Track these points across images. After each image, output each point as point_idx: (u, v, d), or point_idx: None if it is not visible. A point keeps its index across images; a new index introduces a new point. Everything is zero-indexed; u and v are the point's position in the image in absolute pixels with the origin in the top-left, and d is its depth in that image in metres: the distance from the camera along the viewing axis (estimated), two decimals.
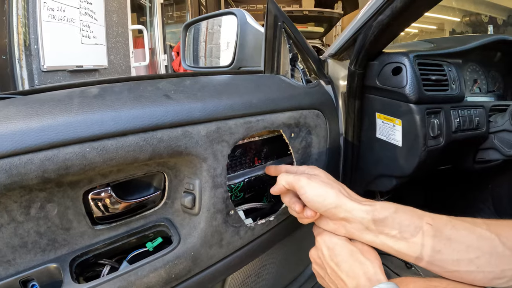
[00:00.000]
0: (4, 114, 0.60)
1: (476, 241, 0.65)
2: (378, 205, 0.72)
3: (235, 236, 0.89)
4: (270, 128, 0.91)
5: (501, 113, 1.35)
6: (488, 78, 1.50)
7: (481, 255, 0.64)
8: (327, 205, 0.74)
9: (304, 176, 0.78)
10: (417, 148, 1.10)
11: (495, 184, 1.76)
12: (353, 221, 0.73)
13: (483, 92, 1.48)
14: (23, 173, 0.58)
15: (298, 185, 0.78)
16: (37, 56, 2.56)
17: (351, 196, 0.77)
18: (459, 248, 0.65)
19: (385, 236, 0.70)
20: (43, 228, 0.68)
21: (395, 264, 1.81)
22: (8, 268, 0.66)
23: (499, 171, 1.64)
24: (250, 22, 1.22)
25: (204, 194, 0.80)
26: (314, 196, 0.76)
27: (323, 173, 0.83)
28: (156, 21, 5.55)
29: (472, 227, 0.67)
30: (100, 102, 0.69)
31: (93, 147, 0.64)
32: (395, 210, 0.70)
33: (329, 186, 0.76)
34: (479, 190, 1.86)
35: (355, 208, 0.72)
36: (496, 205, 1.78)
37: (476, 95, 1.45)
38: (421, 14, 1.01)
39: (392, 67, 1.10)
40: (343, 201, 0.73)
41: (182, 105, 0.75)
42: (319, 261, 0.80)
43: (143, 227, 0.80)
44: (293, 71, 1.12)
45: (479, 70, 1.48)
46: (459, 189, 1.97)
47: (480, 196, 1.85)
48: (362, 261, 0.71)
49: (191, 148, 0.75)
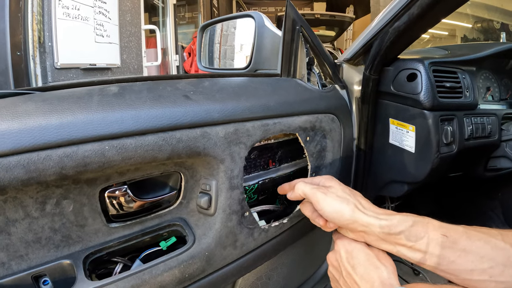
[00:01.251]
0: (23, 110, 0.61)
1: (490, 251, 0.66)
2: (395, 219, 0.73)
3: (249, 238, 0.90)
4: (286, 131, 0.91)
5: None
6: (501, 86, 1.49)
7: (495, 265, 0.64)
8: (344, 221, 0.75)
9: (320, 191, 0.79)
10: (430, 154, 1.10)
11: (505, 193, 1.76)
12: (370, 233, 0.74)
13: (496, 100, 1.47)
14: (41, 169, 0.59)
15: (314, 199, 0.79)
16: (51, 53, 2.58)
17: (368, 209, 0.77)
18: (473, 258, 0.66)
19: (401, 247, 0.71)
20: (58, 224, 0.68)
21: (404, 271, 1.82)
22: (20, 263, 0.67)
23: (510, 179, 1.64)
24: (268, 25, 1.23)
25: (220, 195, 0.81)
26: (330, 212, 0.77)
27: (337, 184, 0.84)
28: (169, 22, 5.57)
29: (487, 237, 0.67)
30: (120, 100, 0.70)
31: (112, 145, 0.64)
32: (412, 224, 0.71)
33: (345, 202, 0.77)
34: (489, 198, 1.85)
35: (371, 223, 0.73)
36: (505, 214, 1.78)
37: (488, 102, 1.44)
38: (438, 20, 1.01)
39: (407, 73, 1.10)
40: (359, 217, 0.74)
41: (201, 106, 0.76)
42: (336, 264, 0.81)
43: (158, 226, 0.81)
44: (309, 75, 1.13)
45: (492, 78, 1.47)
46: (469, 196, 1.96)
47: (490, 204, 1.85)
48: (378, 265, 0.72)
49: (209, 149, 0.76)
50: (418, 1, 0.89)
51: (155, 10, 5.49)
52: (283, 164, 1.08)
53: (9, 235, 0.64)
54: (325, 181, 0.85)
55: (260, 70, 1.26)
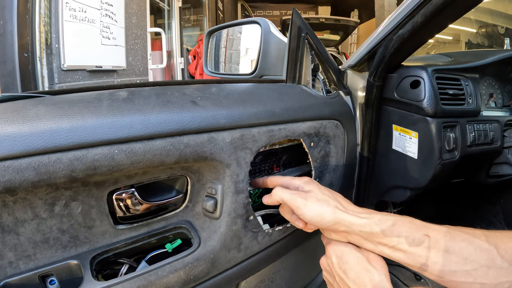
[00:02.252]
0: (34, 113, 0.62)
1: (473, 252, 0.66)
2: (376, 217, 0.74)
3: (253, 241, 0.91)
4: (291, 137, 0.93)
5: None
6: (504, 93, 1.50)
7: (479, 267, 0.65)
8: (326, 223, 0.76)
9: (300, 196, 0.80)
10: (432, 161, 1.11)
11: (507, 199, 1.76)
12: (352, 233, 0.75)
13: (499, 107, 1.48)
14: (52, 172, 0.60)
15: (294, 205, 0.80)
16: (58, 55, 2.60)
17: (348, 209, 0.78)
18: (456, 259, 0.66)
19: (383, 247, 0.72)
20: (66, 225, 0.70)
21: (405, 276, 1.81)
22: (28, 263, 0.68)
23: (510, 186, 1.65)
24: (274, 31, 1.25)
25: (226, 199, 0.82)
26: (312, 216, 0.78)
27: (316, 187, 0.84)
28: (174, 25, 5.60)
29: (470, 238, 0.67)
30: (129, 105, 0.71)
31: (121, 149, 0.66)
32: (392, 223, 0.72)
33: (325, 204, 0.78)
34: (491, 204, 1.85)
35: (353, 222, 0.74)
36: (507, 220, 1.78)
37: (491, 109, 1.45)
38: (442, 28, 1.03)
39: (410, 80, 1.12)
40: (340, 217, 0.75)
41: (208, 112, 0.77)
42: (329, 269, 0.82)
43: (164, 228, 0.82)
44: (314, 81, 1.14)
45: (495, 85, 1.48)
46: (471, 202, 1.97)
47: (492, 210, 1.85)
48: (368, 268, 0.72)
49: (215, 154, 0.77)
50: (422, 10, 0.90)
51: (160, 13, 5.52)
52: (287, 169, 1.09)
53: (18, 235, 0.65)
54: (304, 185, 0.85)
55: (265, 76, 1.28)
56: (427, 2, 0.88)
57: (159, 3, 5.32)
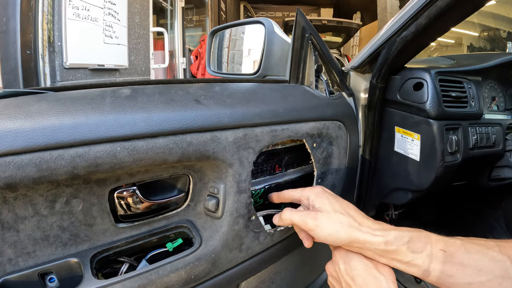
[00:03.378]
0: (37, 109, 0.62)
1: (488, 264, 0.66)
2: (391, 235, 0.72)
3: (255, 241, 0.91)
4: (294, 137, 0.93)
5: None
6: (506, 96, 1.50)
7: (493, 278, 0.65)
8: (339, 242, 0.75)
9: (310, 217, 0.78)
10: (434, 163, 1.11)
11: (509, 202, 1.77)
12: (367, 250, 0.74)
13: (501, 110, 1.48)
14: (53, 168, 0.60)
15: (306, 228, 0.78)
16: (60, 53, 2.61)
17: (362, 225, 0.76)
18: (471, 272, 0.66)
19: (397, 262, 0.71)
20: (67, 223, 0.70)
21: (405, 278, 1.82)
22: (27, 260, 0.68)
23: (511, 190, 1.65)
24: (277, 32, 1.25)
25: (228, 198, 0.82)
26: (325, 237, 0.76)
27: (328, 203, 0.81)
28: (177, 25, 5.61)
29: (484, 250, 0.68)
30: (132, 103, 0.71)
31: (124, 147, 0.66)
32: (408, 240, 0.71)
33: (338, 223, 0.76)
34: (492, 208, 1.86)
35: (367, 241, 0.73)
36: (508, 223, 1.78)
37: (493, 112, 1.45)
38: (446, 31, 1.03)
39: (413, 82, 1.12)
40: (354, 236, 0.74)
41: (212, 111, 0.77)
42: (335, 275, 0.81)
43: (165, 227, 0.82)
44: (317, 82, 1.14)
45: (498, 88, 1.48)
46: (472, 205, 1.97)
47: (493, 214, 1.86)
48: (376, 275, 0.72)
49: (218, 153, 0.77)
50: (426, 12, 0.90)
51: (163, 12, 5.53)
52: (289, 169, 1.09)
53: (18, 232, 0.65)
54: (315, 199, 0.83)
55: (268, 76, 1.28)
56: (431, 4, 0.88)
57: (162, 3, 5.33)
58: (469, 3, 0.87)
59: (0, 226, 0.64)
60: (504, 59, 1.40)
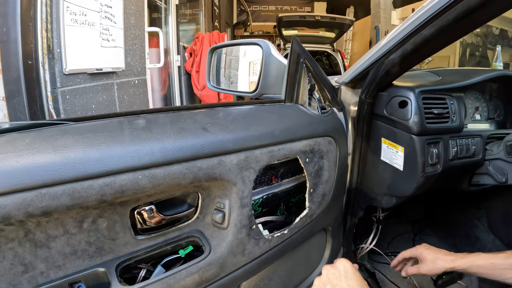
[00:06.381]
0: (63, 143, 0.72)
1: None
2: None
3: (255, 247, 1.02)
4: (289, 155, 1.03)
5: (497, 141, 1.46)
6: (490, 106, 1.60)
7: None
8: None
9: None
10: (415, 173, 1.22)
11: (491, 205, 1.89)
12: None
13: (483, 119, 1.58)
14: (85, 197, 0.70)
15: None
16: (60, 59, 2.62)
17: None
18: None
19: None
20: (93, 238, 0.79)
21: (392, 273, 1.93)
22: (57, 272, 0.77)
23: (495, 193, 1.77)
24: (274, 54, 1.34)
25: (232, 212, 0.93)
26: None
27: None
28: (171, 22, 5.61)
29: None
30: (149, 134, 0.82)
31: (144, 175, 0.76)
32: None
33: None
34: (476, 208, 1.97)
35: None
36: (490, 223, 1.90)
37: (476, 122, 1.56)
38: (430, 55, 1.13)
39: (399, 100, 1.22)
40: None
41: (217, 137, 0.88)
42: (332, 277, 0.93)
43: (178, 237, 0.93)
44: (310, 99, 1.24)
45: (481, 98, 1.58)
46: (458, 206, 2.09)
47: (477, 214, 1.98)
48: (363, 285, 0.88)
49: (224, 175, 0.88)
50: (412, 39, 1.00)
51: (157, 10, 5.52)
52: (284, 179, 1.20)
53: (49, 248, 0.75)
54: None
55: (266, 95, 1.37)
56: (417, 32, 0.98)
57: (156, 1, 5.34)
58: (452, 33, 0.97)
59: (34, 245, 0.73)
60: (486, 76, 1.48)
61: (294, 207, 1.25)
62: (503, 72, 1.59)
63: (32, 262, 0.74)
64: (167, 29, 5.62)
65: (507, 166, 1.40)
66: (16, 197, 0.64)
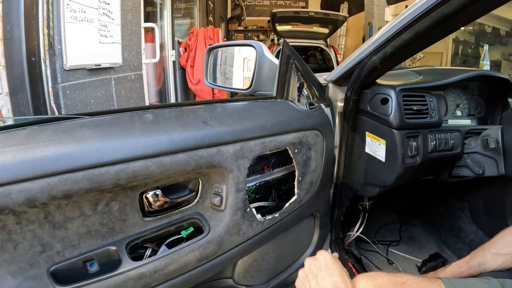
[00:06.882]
0: (82, 135, 0.83)
1: None
2: None
3: (249, 228, 1.13)
4: (279, 146, 1.15)
5: (476, 136, 1.56)
6: (471, 103, 1.70)
7: None
8: None
9: None
10: (396, 164, 1.33)
11: (473, 197, 2.01)
12: None
13: (464, 115, 1.69)
14: (102, 181, 0.81)
15: None
16: (60, 55, 2.70)
17: None
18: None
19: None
20: (106, 219, 0.90)
21: (379, 260, 2.03)
22: (73, 251, 0.87)
23: (477, 186, 1.89)
24: (267, 54, 1.44)
25: (229, 196, 1.04)
26: None
27: None
28: (166, 18, 5.61)
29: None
30: (157, 127, 0.93)
31: (153, 162, 0.87)
32: None
33: None
34: (459, 200, 2.10)
35: None
36: (472, 214, 2.02)
37: (457, 118, 1.66)
38: (409, 57, 1.23)
39: (381, 97, 1.33)
40: None
41: (216, 130, 0.99)
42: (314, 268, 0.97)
43: (181, 219, 1.04)
44: (299, 96, 1.35)
45: (463, 96, 1.68)
46: (442, 198, 2.22)
47: (460, 205, 2.10)
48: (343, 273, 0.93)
49: (222, 163, 1.00)
50: (392, 42, 1.10)
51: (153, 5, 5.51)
52: (275, 169, 1.31)
53: (66, 229, 0.84)
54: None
55: (259, 92, 1.48)
56: (396, 37, 1.08)
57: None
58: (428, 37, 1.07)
59: (52, 226, 0.82)
60: (464, 76, 1.58)
61: (284, 194, 1.35)
62: (482, 72, 1.70)
63: (50, 242, 0.83)
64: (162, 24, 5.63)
65: (483, 159, 1.51)
66: (40, 182, 0.73)
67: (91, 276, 0.88)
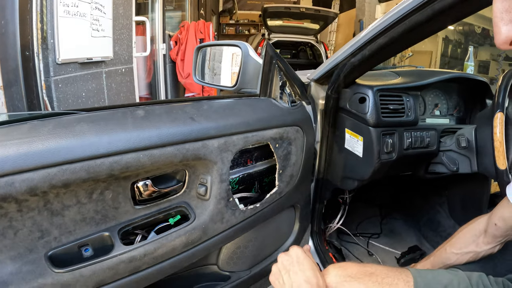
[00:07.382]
0: (79, 129, 0.89)
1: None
2: None
3: (232, 216, 1.20)
4: (261, 141, 1.22)
5: (451, 135, 1.65)
6: (450, 103, 1.79)
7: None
8: None
9: None
10: (372, 160, 1.42)
11: (451, 192, 2.11)
12: None
13: (443, 115, 1.77)
14: (98, 171, 0.87)
15: None
16: (53, 49, 2.73)
17: None
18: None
19: None
20: (100, 207, 0.96)
21: (359, 251, 2.12)
22: (69, 237, 0.93)
23: (455, 182, 1.98)
24: (251, 54, 1.52)
25: (213, 186, 1.12)
26: None
27: None
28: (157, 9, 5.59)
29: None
30: (148, 122, 1.00)
31: (144, 154, 0.94)
32: None
33: None
34: (438, 195, 2.19)
35: None
36: (450, 209, 2.12)
37: (435, 117, 1.75)
38: (385, 59, 1.32)
39: (359, 96, 1.42)
40: None
41: (202, 125, 1.07)
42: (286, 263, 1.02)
43: (169, 207, 1.11)
44: (282, 94, 1.42)
45: (441, 96, 1.77)
46: (422, 193, 2.31)
47: (438, 200, 2.20)
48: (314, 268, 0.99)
49: (207, 155, 1.07)
50: (369, 46, 1.19)
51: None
52: (258, 162, 1.39)
53: (63, 217, 0.90)
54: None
55: (244, 89, 1.56)
56: (373, 41, 1.16)
57: None
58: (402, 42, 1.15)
59: (51, 213, 0.88)
60: (441, 78, 1.66)
61: (266, 186, 1.42)
62: (460, 74, 1.79)
63: (48, 228, 0.89)
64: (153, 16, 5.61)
65: (458, 157, 1.60)
66: (42, 172, 0.80)
67: (85, 259, 0.94)
